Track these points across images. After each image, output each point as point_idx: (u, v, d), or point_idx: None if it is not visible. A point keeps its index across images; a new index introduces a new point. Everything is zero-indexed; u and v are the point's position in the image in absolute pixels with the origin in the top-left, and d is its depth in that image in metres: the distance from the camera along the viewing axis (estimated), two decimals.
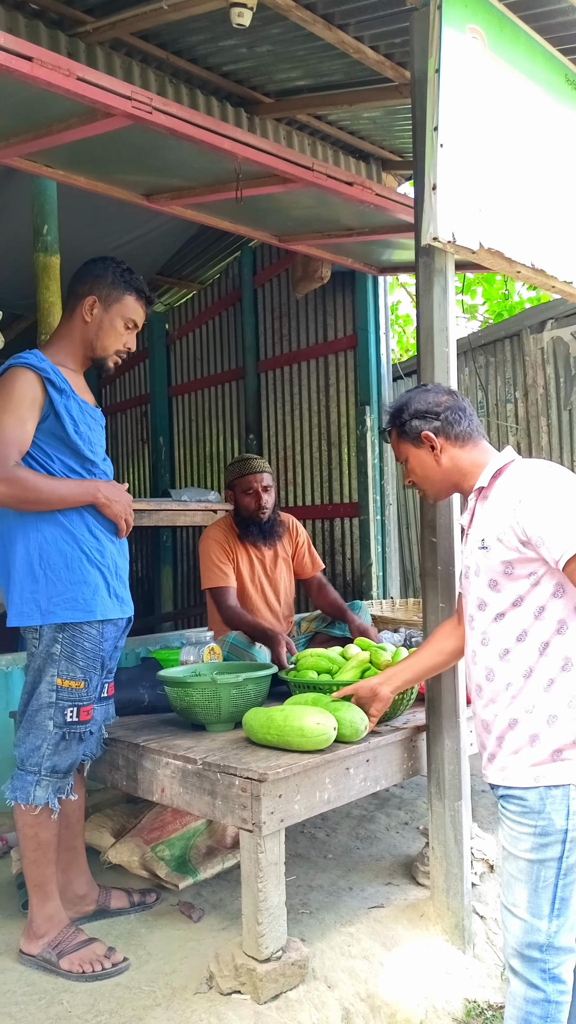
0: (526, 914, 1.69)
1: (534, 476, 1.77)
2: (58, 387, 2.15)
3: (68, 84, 2.26)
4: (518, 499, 1.72)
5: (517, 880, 1.71)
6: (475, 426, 1.96)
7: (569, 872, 1.67)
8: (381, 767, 2.41)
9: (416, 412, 1.96)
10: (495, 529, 1.75)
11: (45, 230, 3.56)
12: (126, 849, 2.70)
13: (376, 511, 4.96)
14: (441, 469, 1.95)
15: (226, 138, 2.65)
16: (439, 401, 1.97)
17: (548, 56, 2.70)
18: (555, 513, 1.66)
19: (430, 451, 1.94)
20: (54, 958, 2.17)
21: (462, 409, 1.96)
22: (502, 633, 1.76)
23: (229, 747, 2.30)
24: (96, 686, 2.25)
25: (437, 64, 2.24)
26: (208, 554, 3.46)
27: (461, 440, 1.93)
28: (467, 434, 1.94)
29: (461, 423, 1.94)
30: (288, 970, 2.06)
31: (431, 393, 2.01)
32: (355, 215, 3.57)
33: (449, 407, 1.95)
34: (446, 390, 2.04)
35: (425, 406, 1.96)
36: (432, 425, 1.94)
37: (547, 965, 1.68)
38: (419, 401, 1.98)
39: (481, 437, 1.97)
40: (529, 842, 1.68)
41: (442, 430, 1.93)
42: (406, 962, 2.27)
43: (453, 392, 2.04)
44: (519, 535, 1.70)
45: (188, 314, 6.58)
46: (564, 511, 1.66)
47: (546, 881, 1.67)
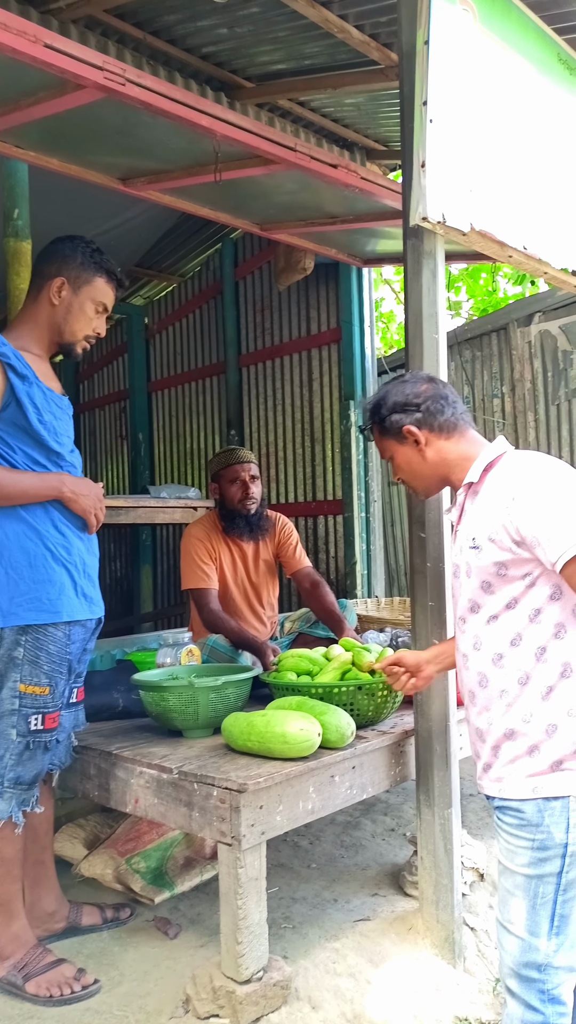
0: (523, 932, 1.59)
1: (528, 471, 1.64)
2: (20, 373, 2.02)
3: (35, 51, 2.13)
4: (511, 496, 1.61)
5: (514, 896, 1.61)
6: (460, 414, 1.84)
7: (569, 888, 1.57)
8: (368, 774, 2.30)
9: (395, 406, 1.84)
10: (487, 528, 1.64)
11: (16, 214, 3.42)
12: (99, 861, 2.57)
13: (361, 508, 4.86)
14: (428, 463, 1.83)
15: (204, 114, 2.54)
16: (418, 391, 1.84)
17: (540, 33, 2.60)
18: (551, 512, 1.55)
19: (414, 445, 1.83)
20: (20, 981, 2.04)
21: (444, 397, 1.83)
22: (495, 637, 1.66)
23: (207, 755, 2.18)
24: (63, 691, 2.12)
25: (426, 36, 2.14)
26: (190, 553, 3.33)
27: (446, 431, 1.81)
28: (452, 424, 1.82)
29: (444, 412, 1.81)
30: (270, 991, 1.94)
31: (409, 384, 1.88)
32: (339, 201, 3.46)
33: (429, 396, 1.83)
34: (425, 378, 1.91)
35: (404, 398, 1.84)
36: (413, 417, 1.82)
37: (546, 986, 1.58)
38: (397, 394, 1.86)
39: (468, 426, 1.84)
40: (526, 856, 1.58)
41: (424, 422, 1.81)
42: (394, 979, 2.16)
43: (433, 379, 1.91)
44: (513, 535, 1.59)
45: (168, 307, 6.46)
46: (560, 509, 1.54)
47: (544, 897, 1.57)
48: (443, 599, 2.24)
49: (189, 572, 3.30)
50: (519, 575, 1.62)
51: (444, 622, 2.24)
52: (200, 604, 3.23)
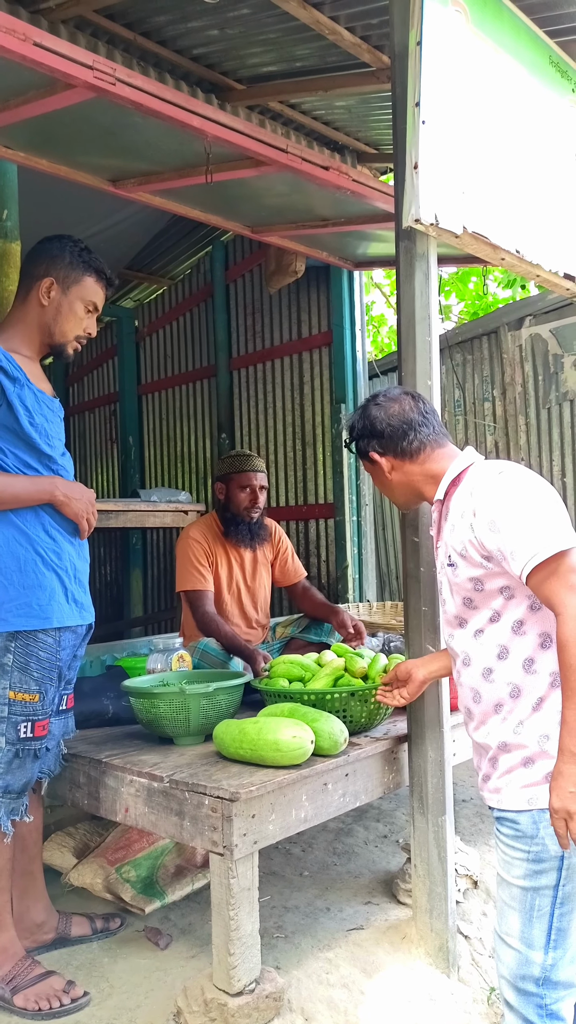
0: (520, 944, 1.57)
1: (486, 485, 1.64)
2: (10, 375, 1.99)
3: (24, 50, 2.10)
4: (472, 512, 1.63)
5: (511, 908, 1.59)
6: (428, 436, 1.84)
7: (566, 901, 1.55)
8: (361, 781, 2.28)
9: (363, 430, 1.89)
10: (457, 545, 1.66)
11: (5, 215, 3.38)
12: (89, 870, 2.54)
13: (352, 512, 4.84)
14: (396, 485, 1.89)
15: (195, 115, 2.51)
16: (384, 416, 1.86)
17: (533, 36, 2.60)
18: (510, 524, 1.55)
19: (381, 469, 1.88)
20: (8, 994, 2.01)
21: (408, 422, 1.84)
22: (483, 652, 1.65)
23: (199, 763, 2.15)
24: (52, 698, 2.09)
25: (419, 36, 2.12)
26: (187, 554, 3.29)
27: (410, 455, 1.84)
28: (416, 448, 1.83)
29: (407, 437, 1.83)
30: (262, 1004, 1.91)
31: (381, 407, 1.89)
32: (330, 203, 3.44)
33: (394, 424, 1.84)
34: (397, 397, 1.90)
35: (370, 423, 1.87)
36: (377, 443, 1.86)
37: (544, 1000, 1.56)
38: (366, 418, 1.89)
39: (436, 446, 1.84)
40: (522, 868, 1.57)
41: (388, 447, 1.85)
42: (388, 989, 2.14)
43: (404, 398, 1.90)
44: (480, 550, 1.60)
45: (158, 310, 6.43)
46: (519, 521, 1.54)
47: (541, 910, 1.55)
48: (436, 604, 2.21)
49: (185, 573, 3.27)
50: (495, 589, 1.62)
51: (437, 627, 2.21)
52: (195, 606, 3.20)
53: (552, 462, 4.72)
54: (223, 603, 3.35)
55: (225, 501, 3.37)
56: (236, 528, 3.33)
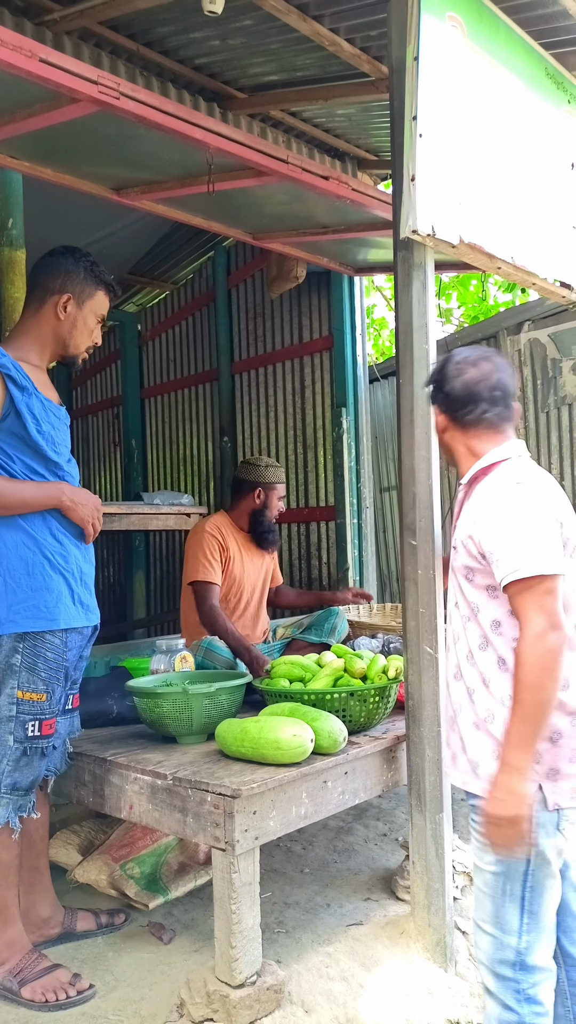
0: (494, 929, 1.62)
1: (502, 490, 1.67)
2: (19, 384, 2.05)
3: (31, 66, 2.15)
4: (482, 508, 1.67)
5: (485, 894, 1.64)
6: (486, 415, 1.77)
7: (536, 886, 1.59)
8: (360, 780, 2.33)
9: (438, 380, 1.86)
10: (464, 533, 1.71)
11: (10, 223, 3.44)
12: (94, 867, 2.59)
13: (353, 514, 4.88)
14: (444, 442, 1.89)
15: (198, 127, 2.56)
16: (455, 375, 1.81)
17: (528, 49, 2.65)
18: (507, 534, 1.59)
19: (440, 423, 1.88)
20: (15, 986, 2.05)
21: (473, 396, 1.78)
22: (468, 636, 1.71)
23: (201, 761, 2.20)
24: (59, 698, 2.14)
25: (416, 52, 2.17)
26: (201, 546, 3.36)
27: (463, 425, 1.81)
28: (471, 422, 1.79)
29: (466, 408, 1.78)
30: (263, 995, 1.96)
31: (457, 365, 1.83)
32: (331, 211, 3.49)
33: (456, 390, 1.79)
34: (476, 362, 1.82)
35: (441, 377, 1.84)
36: (441, 400, 1.85)
37: (520, 985, 1.59)
38: (441, 370, 1.86)
39: (493, 430, 1.79)
40: (493, 854, 1.60)
41: (447, 407, 1.83)
42: (386, 983, 2.18)
43: (484, 363, 1.81)
44: (477, 546, 1.65)
45: (161, 315, 6.48)
46: (516, 533, 1.58)
47: (512, 895, 1.59)
48: (434, 606, 2.26)
49: (196, 564, 3.32)
50: (483, 585, 1.67)
51: (435, 628, 2.26)
52: (201, 598, 3.26)
53: (551, 465, 4.76)
54: (241, 597, 3.45)
55: (262, 507, 3.49)
56: (268, 534, 3.48)
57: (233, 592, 3.44)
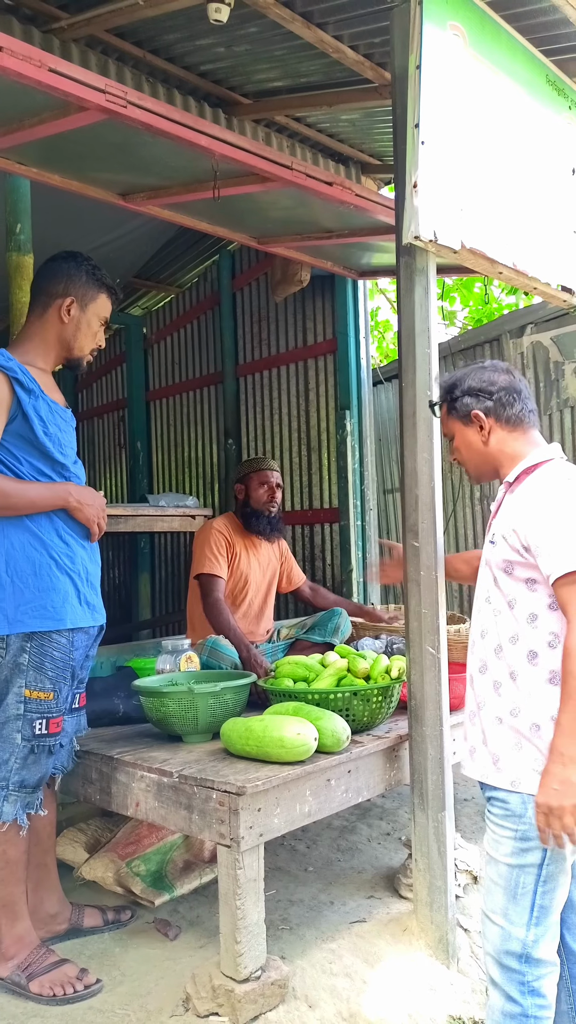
0: (503, 920, 1.64)
1: (553, 484, 1.70)
2: (26, 387, 2.08)
3: (40, 76, 2.19)
4: (531, 503, 1.69)
5: (496, 885, 1.66)
6: (528, 411, 1.86)
7: (549, 880, 1.61)
8: (363, 778, 2.35)
9: (470, 389, 1.87)
10: (506, 527, 1.72)
11: (18, 229, 3.47)
12: (100, 865, 2.62)
13: (356, 516, 4.91)
14: (487, 451, 1.87)
15: (203, 134, 2.59)
16: (495, 380, 1.87)
17: (529, 56, 2.68)
18: (558, 527, 1.61)
19: (478, 431, 1.86)
20: (24, 981, 2.09)
21: (517, 392, 1.86)
22: (499, 630, 1.73)
23: (206, 759, 2.23)
24: (66, 697, 2.17)
25: (418, 60, 2.20)
26: (208, 541, 3.42)
27: (511, 424, 1.84)
28: (518, 419, 1.84)
29: (514, 406, 1.84)
30: (268, 990, 1.99)
31: (488, 371, 1.89)
32: (335, 216, 3.53)
33: (504, 388, 1.85)
34: (504, 368, 1.92)
35: (480, 384, 1.86)
36: (484, 405, 1.85)
37: (525, 977, 1.62)
38: (475, 379, 1.88)
39: (532, 425, 1.86)
40: (509, 846, 1.63)
41: (493, 411, 1.84)
42: (389, 979, 2.21)
43: (511, 371, 1.92)
44: (522, 539, 1.67)
45: (166, 318, 6.51)
46: (567, 527, 1.60)
47: (525, 887, 1.62)
48: (436, 607, 2.29)
49: (202, 558, 3.38)
50: (523, 578, 1.68)
51: (438, 629, 2.29)
52: (206, 591, 3.31)
53: None
54: (246, 594, 3.50)
55: (245, 499, 3.58)
56: (257, 521, 3.52)
57: (239, 589, 3.49)
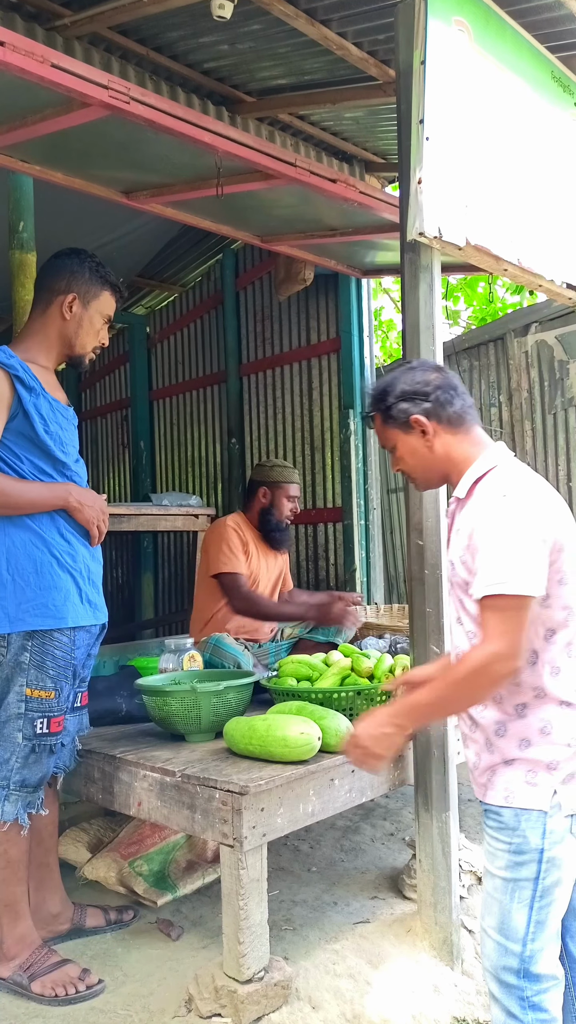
0: (500, 936, 1.58)
1: (489, 506, 1.60)
2: (27, 385, 2.07)
3: (42, 71, 2.18)
4: (474, 521, 1.61)
5: (493, 899, 1.61)
6: (467, 407, 1.75)
7: (546, 894, 1.56)
8: (367, 778, 2.34)
9: (404, 393, 1.74)
10: (459, 548, 1.65)
11: (21, 227, 3.47)
12: (102, 864, 2.61)
13: (360, 516, 4.90)
14: (433, 456, 1.74)
15: (207, 131, 2.58)
16: (428, 379, 1.75)
17: (534, 52, 2.66)
18: (490, 549, 1.54)
19: (421, 436, 1.73)
20: (25, 981, 2.07)
21: (453, 388, 1.74)
22: None
23: (209, 758, 2.22)
24: (68, 696, 2.16)
25: (423, 56, 2.19)
26: (225, 539, 3.41)
27: (454, 425, 1.72)
28: (460, 417, 1.73)
29: (453, 403, 1.72)
30: (271, 991, 1.98)
31: (418, 371, 1.78)
32: (338, 214, 3.51)
33: (440, 386, 1.73)
34: (434, 366, 1.81)
35: (413, 386, 1.74)
36: (422, 407, 1.72)
37: (525, 993, 1.56)
38: (406, 381, 1.75)
39: (474, 422, 1.75)
40: (504, 859, 1.58)
41: (433, 412, 1.72)
42: (393, 980, 2.19)
43: (442, 368, 1.82)
44: (469, 564, 1.61)
45: (169, 317, 6.51)
46: (497, 549, 1.53)
47: (521, 902, 1.56)
48: (440, 606, 2.28)
49: (222, 556, 3.36)
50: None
51: (442, 628, 2.28)
52: (233, 587, 3.31)
53: (558, 467, 4.76)
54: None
55: (268, 506, 3.54)
56: (276, 533, 3.52)
57: (257, 589, 3.51)
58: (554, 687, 1.57)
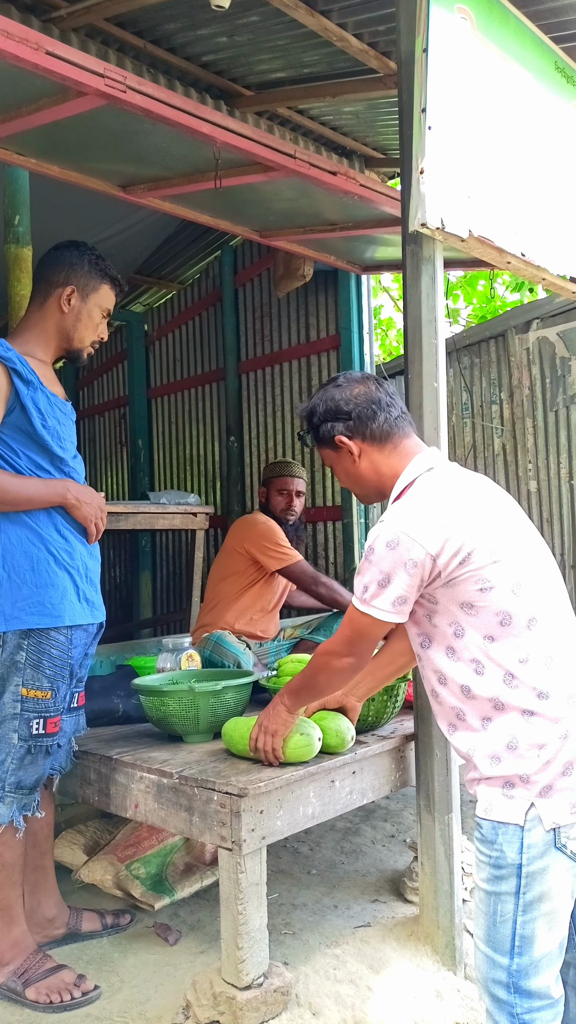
0: (487, 948, 1.54)
1: (376, 527, 1.61)
2: (25, 378, 2.03)
3: (37, 59, 2.14)
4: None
5: (480, 911, 1.56)
6: (394, 419, 1.72)
7: (529, 909, 1.49)
8: (368, 779, 2.30)
9: (326, 413, 1.74)
10: None
11: (17, 220, 3.43)
12: (99, 867, 2.57)
13: (359, 514, 4.87)
14: (362, 474, 1.74)
15: (205, 121, 2.54)
16: (348, 396, 1.73)
17: (538, 42, 2.62)
18: (363, 562, 1.59)
19: (348, 455, 1.73)
20: (20, 987, 2.03)
21: (376, 402, 1.71)
22: (426, 672, 1.65)
23: (208, 760, 2.18)
24: (64, 696, 2.12)
25: (425, 43, 2.15)
26: (272, 531, 3.40)
27: (379, 439, 1.71)
28: (384, 432, 1.71)
29: (376, 419, 1.70)
30: (270, 997, 1.94)
31: (342, 388, 1.75)
32: (338, 208, 3.47)
33: (361, 402, 1.71)
34: (359, 379, 1.78)
35: (335, 405, 1.73)
36: (344, 426, 1.72)
37: (515, 1010, 1.51)
38: (328, 400, 1.75)
39: (404, 435, 1.72)
40: (486, 872, 1.54)
41: (356, 430, 1.71)
42: (395, 985, 2.15)
43: (368, 379, 1.78)
44: None
45: (168, 314, 6.47)
46: (366, 564, 1.58)
47: (503, 915, 1.51)
48: None
49: (280, 551, 3.35)
50: (422, 615, 1.62)
51: None
52: (304, 575, 3.36)
53: (560, 464, 4.73)
54: (272, 590, 3.50)
55: (265, 503, 3.62)
56: (281, 528, 3.51)
57: (272, 586, 3.50)
58: (512, 697, 1.52)
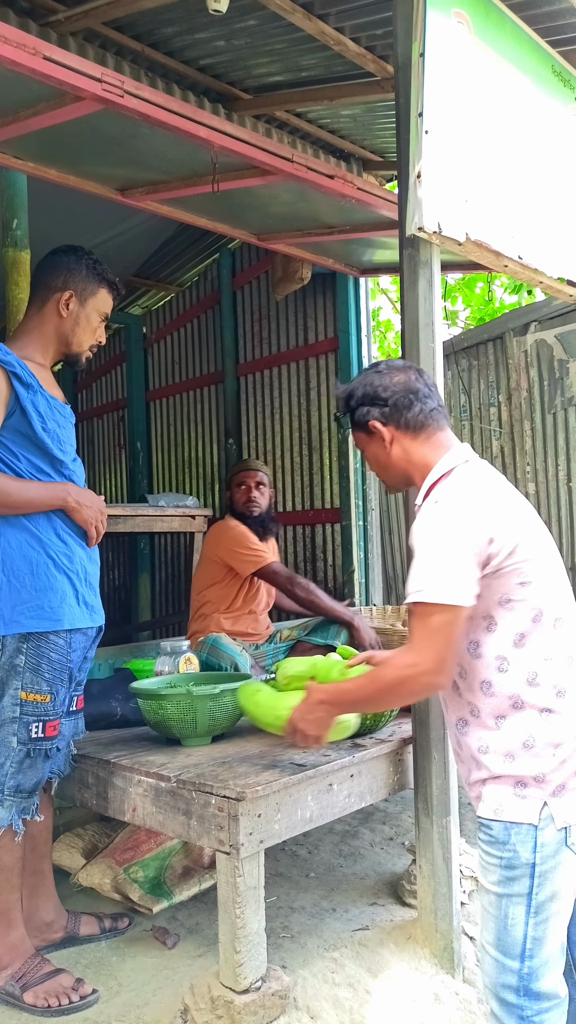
0: (497, 952, 1.53)
1: (424, 513, 1.59)
2: (24, 382, 2.03)
3: (35, 64, 2.14)
4: (412, 532, 1.61)
5: (488, 914, 1.55)
6: (431, 411, 1.71)
7: (541, 910, 1.49)
8: (366, 782, 2.30)
9: (364, 398, 1.73)
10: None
11: (15, 224, 3.43)
12: (97, 871, 2.57)
13: (358, 516, 4.87)
14: (392, 462, 1.74)
15: (202, 126, 2.55)
16: (387, 383, 1.72)
17: (535, 46, 2.63)
18: (418, 555, 1.54)
19: (380, 441, 1.73)
20: (18, 991, 2.03)
21: (414, 392, 1.71)
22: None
23: (205, 763, 2.18)
24: (63, 699, 2.12)
25: (422, 48, 2.16)
26: (244, 536, 3.45)
27: (413, 428, 1.70)
28: (419, 422, 1.70)
29: (412, 408, 1.70)
30: (268, 1001, 1.94)
31: (382, 374, 1.75)
32: (336, 211, 3.48)
33: (399, 390, 1.71)
34: (401, 367, 1.78)
35: (372, 390, 1.72)
36: (380, 412, 1.71)
37: (525, 1012, 1.50)
38: (367, 385, 1.74)
39: (437, 426, 1.72)
40: (496, 874, 1.53)
41: (391, 417, 1.71)
42: (393, 989, 2.15)
43: (409, 368, 1.78)
44: None
45: (166, 317, 6.47)
46: (425, 556, 1.53)
47: (515, 918, 1.51)
48: None
49: (252, 555, 3.39)
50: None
51: None
52: (280, 575, 3.38)
53: (558, 467, 4.73)
54: (256, 592, 3.52)
55: (230, 502, 3.67)
56: (246, 522, 3.55)
57: (256, 588, 3.52)
58: (532, 696, 1.52)
